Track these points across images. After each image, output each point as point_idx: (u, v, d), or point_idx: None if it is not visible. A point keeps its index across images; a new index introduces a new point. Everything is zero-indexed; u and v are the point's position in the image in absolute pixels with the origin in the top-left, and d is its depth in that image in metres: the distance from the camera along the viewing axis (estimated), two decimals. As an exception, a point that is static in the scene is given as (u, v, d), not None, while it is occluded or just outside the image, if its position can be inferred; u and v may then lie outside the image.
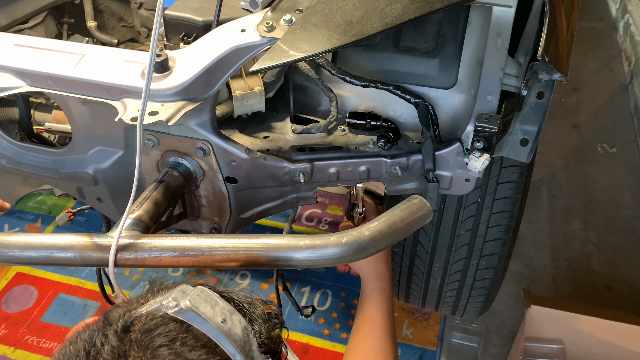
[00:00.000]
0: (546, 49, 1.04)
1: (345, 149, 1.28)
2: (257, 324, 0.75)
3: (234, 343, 0.68)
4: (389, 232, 0.96)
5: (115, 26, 2.18)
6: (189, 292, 0.70)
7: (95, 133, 1.26)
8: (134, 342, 0.66)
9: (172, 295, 0.70)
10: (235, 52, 1.12)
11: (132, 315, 0.69)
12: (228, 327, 0.69)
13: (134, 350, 0.65)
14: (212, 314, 0.69)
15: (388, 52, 1.31)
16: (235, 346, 0.68)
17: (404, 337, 2.24)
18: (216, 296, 0.72)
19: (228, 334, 0.68)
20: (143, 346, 0.65)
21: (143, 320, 0.68)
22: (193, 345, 0.67)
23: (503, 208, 1.46)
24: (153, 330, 0.67)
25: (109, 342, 0.66)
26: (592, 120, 3.35)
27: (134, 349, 0.65)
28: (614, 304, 2.33)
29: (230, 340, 0.68)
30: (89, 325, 0.71)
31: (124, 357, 0.64)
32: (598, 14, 4.35)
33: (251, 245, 0.95)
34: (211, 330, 0.68)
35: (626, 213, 2.76)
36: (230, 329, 0.69)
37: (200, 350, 0.67)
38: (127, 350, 0.65)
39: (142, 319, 0.69)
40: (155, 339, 0.66)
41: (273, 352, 0.76)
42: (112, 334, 0.66)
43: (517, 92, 1.17)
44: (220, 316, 0.69)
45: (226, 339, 0.68)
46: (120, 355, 0.65)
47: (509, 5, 1.09)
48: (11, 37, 1.26)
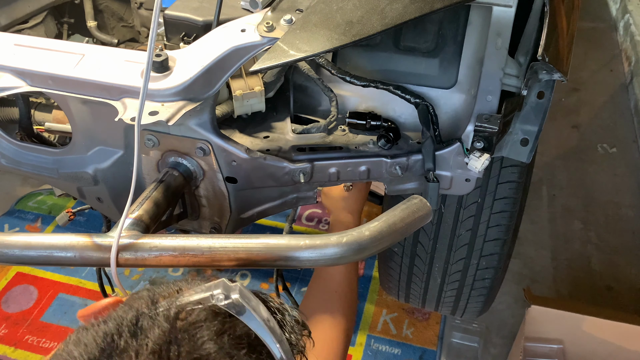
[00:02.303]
0: (546, 49, 1.04)
1: (345, 149, 1.28)
2: (287, 330, 0.72)
3: (277, 342, 0.66)
4: (389, 232, 0.96)
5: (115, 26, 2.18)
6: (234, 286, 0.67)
7: (95, 133, 1.26)
8: (181, 330, 0.62)
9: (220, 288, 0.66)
10: (236, 52, 1.12)
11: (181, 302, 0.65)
12: (271, 325, 0.67)
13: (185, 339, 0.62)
14: (259, 311, 0.66)
15: (388, 52, 1.31)
16: (278, 345, 0.66)
17: (404, 337, 2.24)
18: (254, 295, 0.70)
19: (272, 332, 0.66)
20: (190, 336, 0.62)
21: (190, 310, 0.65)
22: (238, 343, 0.64)
23: (503, 208, 1.46)
24: (201, 322, 0.63)
25: (159, 326, 0.62)
26: (592, 120, 3.35)
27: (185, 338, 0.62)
28: (614, 304, 2.33)
29: (275, 338, 0.66)
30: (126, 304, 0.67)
31: (176, 344, 0.61)
32: (598, 14, 4.35)
33: (251, 245, 0.95)
34: (258, 327, 0.65)
35: (626, 213, 2.76)
36: (273, 328, 0.67)
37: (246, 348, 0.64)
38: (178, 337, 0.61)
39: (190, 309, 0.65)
40: (204, 332, 0.63)
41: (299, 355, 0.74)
42: (163, 318, 0.63)
43: (517, 92, 1.17)
44: (265, 314, 0.67)
45: (271, 337, 0.66)
46: (171, 341, 0.61)
47: (509, 5, 1.09)
48: (11, 37, 1.26)
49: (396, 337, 2.24)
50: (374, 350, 2.20)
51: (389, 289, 1.90)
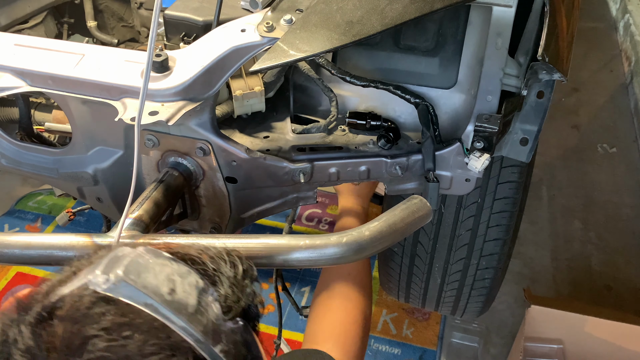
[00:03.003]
0: (546, 49, 1.04)
1: (345, 149, 1.28)
2: (223, 286, 0.61)
3: (186, 318, 0.55)
4: (389, 232, 0.96)
5: (115, 26, 2.18)
6: (122, 260, 0.57)
7: (95, 133, 1.26)
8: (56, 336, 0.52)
9: (101, 267, 0.56)
10: (236, 52, 1.12)
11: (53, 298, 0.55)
12: (177, 298, 0.56)
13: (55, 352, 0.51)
14: (154, 286, 0.55)
15: (388, 52, 1.31)
16: (188, 322, 0.55)
17: (404, 337, 2.24)
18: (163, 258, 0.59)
19: (178, 308, 0.55)
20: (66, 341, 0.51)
21: (68, 304, 0.54)
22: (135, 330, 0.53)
23: (503, 208, 1.46)
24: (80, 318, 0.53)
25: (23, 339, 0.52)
26: (592, 120, 3.35)
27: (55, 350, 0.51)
28: (614, 304, 2.33)
29: (180, 315, 0.55)
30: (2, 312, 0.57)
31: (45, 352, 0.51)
32: (598, 14, 4.35)
33: (251, 245, 0.95)
34: (155, 306, 0.54)
35: (626, 213, 2.76)
36: (180, 301, 0.56)
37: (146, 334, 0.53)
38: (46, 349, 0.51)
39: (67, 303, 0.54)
40: (84, 330, 0.52)
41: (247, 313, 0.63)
42: (26, 327, 0.52)
43: (517, 92, 1.17)
44: (166, 285, 0.56)
45: (175, 315, 0.55)
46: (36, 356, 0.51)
47: (509, 5, 1.09)
48: (11, 37, 1.26)
49: (396, 337, 2.24)
50: (374, 350, 2.20)
51: (389, 289, 1.90)
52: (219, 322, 0.58)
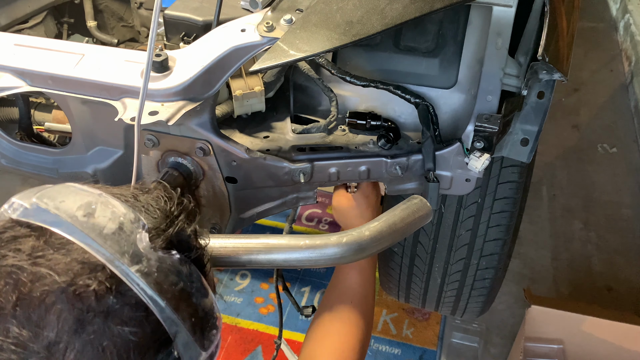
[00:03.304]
0: (546, 49, 1.04)
1: (346, 149, 1.28)
2: (150, 218, 0.61)
3: (100, 239, 0.56)
4: (389, 232, 0.96)
5: (115, 26, 2.18)
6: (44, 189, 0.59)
7: (95, 133, 1.26)
8: None
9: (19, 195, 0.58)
10: (235, 52, 1.12)
11: None
12: (93, 221, 0.57)
13: None
14: (68, 208, 0.57)
15: (388, 52, 1.31)
16: (101, 242, 0.56)
17: (404, 337, 2.24)
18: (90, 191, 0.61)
19: (92, 229, 0.56)
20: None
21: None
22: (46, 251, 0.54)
23: (503, 208, 1.46)
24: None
25: None
26: (592, 120, 3.35)
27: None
28: (614, 304, 2.33)
29: (94, 235, 0.56)
30: None
31: None
32: (598, 14, 4.35)
33: (251, 245, 0.95)
34: (68, 227, 0.56)
35: (626, 213, 2.76)
36: (95, 224, 0.57)
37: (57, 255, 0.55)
38: None
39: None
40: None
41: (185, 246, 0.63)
42: None
43: (518, 92, 1.17)
44: (83, 209, 0.57)
45: (87, 235, 0.56)
46: None
47: (509, 5, 1.09)
48: (11, 37, 1.26)
49: (396, 337, 2.24)
50: (374, 351, 2.20)
51: (389, 289, 1.90)
52: (145, 249, 0.58)
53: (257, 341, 2.23)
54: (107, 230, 0.57)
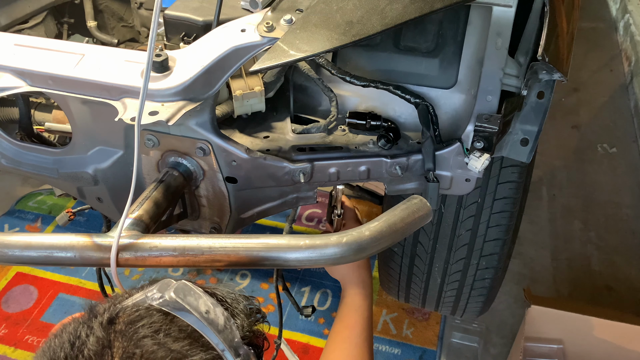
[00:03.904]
0: (546, 49, 1.04)
1: (345, 149, 1.28)
2: (240, 318, 0.77)
3: (217, 333, 0.70)
4: (389, 232, 0.96)
5: (115, 26, 2.18)
6: (172, 284, 0.72)
7: (95, 133, 1.26)
8: (118, 333, 0.67)
9: (156, 288, 0.72)
10: (236, 52, 1.12)
11: (117, 308, 0.70)
12: (211, 317, 0.71)
13: (119, 341, 0.66)
14: (195, 305, 0.71)
15: (388, 52, 1.31)
16: (218, 336, 0.70)
17: (404, 337, 2.24)
18: (199, 289, 0.74)
19: (211, 324, 0.71)
20: (127, 337, 0.67)
21: (128, 312, 0.70)
22: (177, 337, 0.68)
23: (503, 208, 1.46)
24: (137, 322, 0.68)
25: (94, 334, 0.67)
26: (592, 120, 3.35)
27: (118, 340, 0.66)
28: (614, 304, 2.33)
29: (213, 329, 0.70)
30: (75, 318, 0.72)
31: (109, 347, 0.66)
32: (598, 14, 4.34)
33: (251, 245, 0.95)
34: (195, 320, 0.70)
35: (626, 213, 2.76)
36: (213, 319, 0.71)
37: (184, 341, 0.68)
38: (112, 340, 0.66)
39: (127, 311, 0.70)
40: (140, 330, 0.67)
41: (255, 345, 0.79)
42: (98, 326, 0.68)
43: (517, 92, 1.17)
44: (203, 307, 0.72)
45: (209, 329, 0.70)
46: (105, 345, 0.66)
47: (509, 5, 1.09)
48: (11, 37, 1.26)
49: (396, 337, 2.24)
50: (374, 350, 2.20)
51: (389, 289, 1.90)
52: (238, 344, 0.73)
53: (257, 341, 2.23)
54: (220, 327, 0.72)
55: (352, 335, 1.22)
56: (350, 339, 1.22)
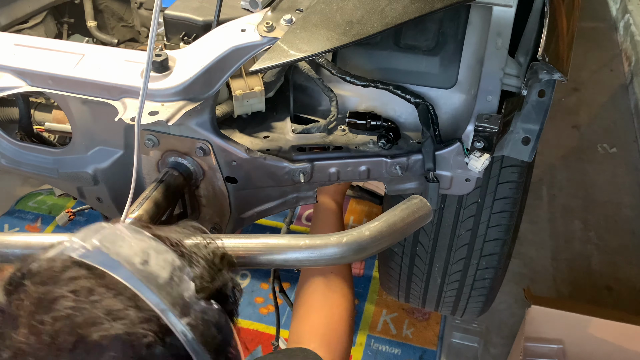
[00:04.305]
0: (546, 49, 1.04)
1: (345, 149, 1.28)
2: (199, 267, 0.64)
3: (156, 289, 0.57)
4: (389, 232, 0.96)
5: (115, 26, 2.18)
6: (101, 230, 0.60)
7: (95, 133, 1.26)
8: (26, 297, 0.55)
9: (79, 235, 0.60)
10: (236, 52, 1.12)
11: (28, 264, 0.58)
12: (149, 270, 0.58)
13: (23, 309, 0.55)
14: (127, 255, 0.58)
15: (388, 51, 1.31)
16: (157, 292, 0.57)
17: (404, 337, 2.24)
18: (142, 235, 0.62)
19: (148, 278, 0.57)
20: (35, 300, 0.55)
21: (41, 270, 0.57)
22: (103, 295, 0.56)
23: (503, 208, 1.46)
24: (50, 281, 0.56)
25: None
26: (592, 120, 3.35)
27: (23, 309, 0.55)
28: (614, 304, 2.33)
29: (150, 285, 0.57)
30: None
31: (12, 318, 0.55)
32: (598, 14, 4.34)
33: (251, 245, 0.95)
34: (127, 275, 0.57)
35: (626, 213, 2.76)
36: (151, 273, 0.58)
37: (114, 299, 0.56)
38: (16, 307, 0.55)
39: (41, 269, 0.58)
40: (53, 291, 0.55)
41: (222, 297, 0.65)
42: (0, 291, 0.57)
43: (518, 91, 1.17)
44: (139, 257, 0.59)
45: (144, 284, 0.57)
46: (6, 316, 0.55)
47: (509, 5, 1.09)
48: (11, 37, 1.26)
49: (396, 337, 2.24)
50: (374, 351, 2.20)
51: (389, 289, 1.90)
52: (191, 299, 0.59)
53: (257, 341, 2.23)
54: (161, 280, 0.58)
55: None
56: None
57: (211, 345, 0.59)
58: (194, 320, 0.58)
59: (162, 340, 0.56)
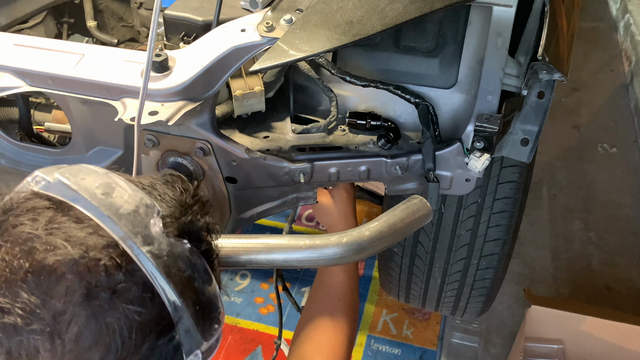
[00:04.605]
0: (546, 49, 1.04)
1: (345, 149, 1.28)
2: (165, 206, 0.63)
3: (116, 217, 0.57)
4: (389, 232, 0.96)
5: (115, 26, 2.18)
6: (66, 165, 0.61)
7: (95, 133, 1.26)
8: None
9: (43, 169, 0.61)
10: (235, 52, 1.12)
11: None
12: (110, 200, 0.58)
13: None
14: (88, 186, 0.59)
15: (388, 52, 1.31)
16: (116, 220, 0.57)
17: (404, 337, 2.24)
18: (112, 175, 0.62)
19: (108, 207, 0.58)
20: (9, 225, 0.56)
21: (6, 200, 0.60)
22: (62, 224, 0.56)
23: (503, 208, 1.46)
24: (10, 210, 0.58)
25: None
26: (592, 120, 3.35)
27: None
28: (614, 304, 2.33)
29: (110, 213, 0.57)
30: None
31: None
32: (598, 14, 4.34)
33: (251, 245, 0.95)
34: (86, 204, 0.57)
35: (626, 213, 2.76)
36: (113, 203, 0.58)
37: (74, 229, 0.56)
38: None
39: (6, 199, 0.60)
40: (13, 219, 0.57)
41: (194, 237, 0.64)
42: None
43: (518, 92, 1.17)
44: (102, 189, 0.59)
45: (104, 213, 0.57)
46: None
47: (509, 5, 1.09)
48: (11, 37, 1.26)
49: (396, 337, 2.24)
50: (374, 351, 2.20)
51: (389, 289, 1.90)
52: (157, 234, 0.59)
53: (257, 341, 2.23)
54: (123, 210, 0.58)
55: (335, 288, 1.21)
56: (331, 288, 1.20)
57: (176, 278, 0.58)
58: (157, 251, 0.58)
59: (123, 268, 0.56)
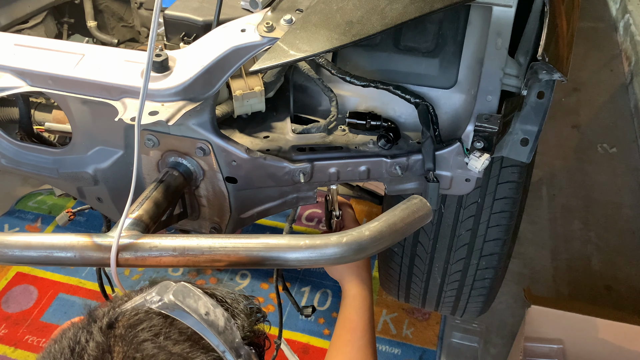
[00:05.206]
0: (546, 49, 1.04)
1: (345, 149, 1.28)
2: (240, 318, 0.77)
3: (217, 334, 0.71)
4: (389, 232, 0.96)
5: (115, 26, 2.18)
6: (171, 286, 0.73)
7: (95, 133, 1.26)
8: (118, 337, 0.67)
9: (155, 290, 0.72)
10: (236, 52, 1.12)
11: (117, 312, 0.71)
12: (211, 319, 0.72)
13: (119, 345, 0.66)
14: (195, 307, 0.72)
15: (388, 52, 1.31)
16: (218, 337, 0.71)
17: (404, 337, 2.24)
18: (198, 291, 0.74)
19: (211, 325, 0.71)
20: (127, 341, 0.67)
21: (127, 316, 0.70)
22: (177, 339, 0.68)
23: (503, 208, 1.46)
24: (137, 325, 0.68)
25: (94, 339, 0.67)
26: (592, 120, 3.35)
27: (118, 344, 0.66)
28: (614, 304, 2.33)
29: (213, 331, 0.71)
30: (74, 323, 0.72)
31: (109, 352, 0.66)
32: (598, 14, 4.35)
33: (251, 245, 0.95)
34: (195, 322, 0.70)
35: (626, 213, 2.76)
36: (213, 321, 0.72)
37: (184, 343, 0.68)
38: (111, 345, 0.66)
39: (127, 315, 0.70)
40: (139, 334, 0.67)
41: (256, 345, 0.79)
42: (97, 331, 0.68)
43: (517, 92, 1.17)
44: (203, 309, 0.72)
45: (209, 330, 0.70)
46: (104, 350, 0.66)
47: (509, 5, 1.09)
48: (11, 37, 1.26)
49: (396, 337, 2.24)
50: (374, 350, 2.20)
51: (389, 289, 1.90)
52: (239, 344, 0.73)
53: (257, 341, 2.23)
54: (220, 329, 0.72)
55: (354, 339, 1.20)
56: (353, 342, 1.20)
57: None
58: None
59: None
